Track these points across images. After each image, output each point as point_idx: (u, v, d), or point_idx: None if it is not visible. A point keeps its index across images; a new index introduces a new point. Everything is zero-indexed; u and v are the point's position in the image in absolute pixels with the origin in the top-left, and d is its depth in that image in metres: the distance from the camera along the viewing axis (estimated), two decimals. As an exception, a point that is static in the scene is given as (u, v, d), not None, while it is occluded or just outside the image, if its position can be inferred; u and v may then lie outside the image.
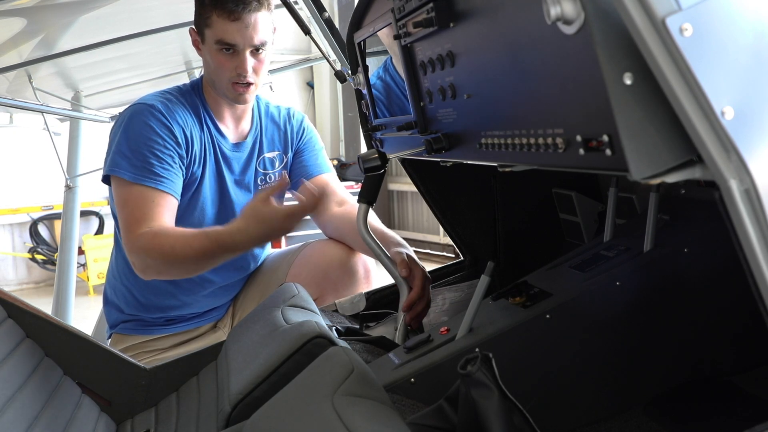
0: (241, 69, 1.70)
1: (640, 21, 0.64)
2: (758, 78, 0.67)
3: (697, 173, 0.69)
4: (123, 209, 1.66)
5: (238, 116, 1.86)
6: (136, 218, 1.62)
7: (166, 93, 1.80)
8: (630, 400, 1.32)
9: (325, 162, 2.01)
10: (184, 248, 1.53)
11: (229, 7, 1.64)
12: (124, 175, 1.65)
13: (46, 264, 6.71)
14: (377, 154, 1.47)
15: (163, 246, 1.56)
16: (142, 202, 1.64)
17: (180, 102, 1.77)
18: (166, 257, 1.56)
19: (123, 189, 1.67)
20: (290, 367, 1.15)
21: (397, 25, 1.25)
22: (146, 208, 1.63)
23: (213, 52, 1.70)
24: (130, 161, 1.66)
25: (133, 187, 1.65)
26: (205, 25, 1.69)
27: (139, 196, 1.64)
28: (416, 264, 1.58)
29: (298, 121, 1.98)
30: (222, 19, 1.65)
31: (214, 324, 1.93)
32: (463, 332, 1.30)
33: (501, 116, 0.97)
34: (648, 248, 1.33)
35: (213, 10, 1.66)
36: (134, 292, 1.84)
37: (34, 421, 1.13)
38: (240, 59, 1.69)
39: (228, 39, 1.67)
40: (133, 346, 1.84)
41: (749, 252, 0.67)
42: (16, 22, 2.22)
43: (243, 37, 1.67)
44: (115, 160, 1.67)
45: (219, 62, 1.71)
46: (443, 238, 6.67)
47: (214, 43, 1.69)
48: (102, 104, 4.26)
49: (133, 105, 1.75)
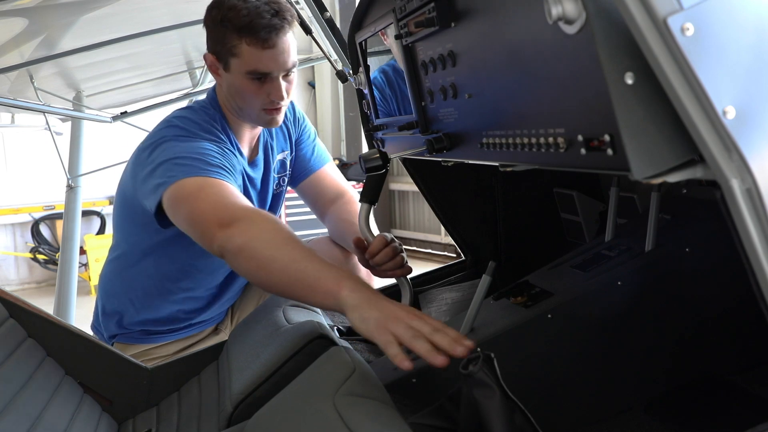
0: (276, 96, 1.61)
1: (642, 20, 0.64)
2: (760, 77, 0.67)
3: (699, 173, 0.69)
4: (199, 196, 1.41)
5: (255, 134, 1.79)
6: (225, 195, 1.40)
7: (194, 114, 1.66)
8: (631, 400, 1.32)
9: (323, 151, 1.99)
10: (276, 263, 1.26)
11: (261, 35, 1.52)
12: (192, 174, 1.44)
13: (48, 264, 6.71)
14: (378, 154, 1.47)
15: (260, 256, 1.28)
16: (221, 188, 1.42)
17: (215, 127, 1.66)
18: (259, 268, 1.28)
19: (191, 186, 1.43)
20: (292, 366, 1.15)
21: (399, 24, 1.25)
22: (230, 191, 1.43)
23: (242, 80, 1.59)
24: (196, 162, 1.47)
25: (205, 180, 1.43)
26: (230, 54, 1.57)
27: (215, 185, 1.43)
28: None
29: (291, 110, 1.93)
30: (254, 48, 1.54)
31: (215, 327, 1.93)
32: (464, 332, 1.30)
33: (502, 116, 0.97)
34: (649, 248, 1.33)
35: (241, 38, 1.53)
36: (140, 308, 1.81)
37: (35, 420, 1.13)
38: (274, 86, 1.60)
39: (262, 68, 1.56)
40: (137, 354, 1.83)
41: (750, 251, 0.67)
42: (17, 23, 2.22)
43: (277, 64, 1.57)
44: (177, 170, 1.46)
45: (250, 91, 1.60)
46: (444, 237, 6.66)
47: (244, 73, 1.57)
48: (103, 104, 4.27)
49: (166, 128, 1.61)
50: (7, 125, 5.92)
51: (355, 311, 1.08)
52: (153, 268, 1.77)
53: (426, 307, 1.79)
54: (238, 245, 1.28)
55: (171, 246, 1.71)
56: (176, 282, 1.78)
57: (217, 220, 1.34)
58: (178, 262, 1.76)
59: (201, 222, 1.38)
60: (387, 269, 1.56)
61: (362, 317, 1.06)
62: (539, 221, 1.93)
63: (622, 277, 1.29)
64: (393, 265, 1.55)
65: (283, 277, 1.23)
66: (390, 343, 1.00)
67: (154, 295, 1.80)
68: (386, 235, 1.57)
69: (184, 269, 1.77)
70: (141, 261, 1.77)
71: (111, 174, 4.26)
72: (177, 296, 1.80)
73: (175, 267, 1.77)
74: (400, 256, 1.55)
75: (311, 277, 1.18)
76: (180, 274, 1.78)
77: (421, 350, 0.98)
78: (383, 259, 1.54)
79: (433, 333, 1.00)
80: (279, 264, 1.23)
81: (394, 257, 1.54)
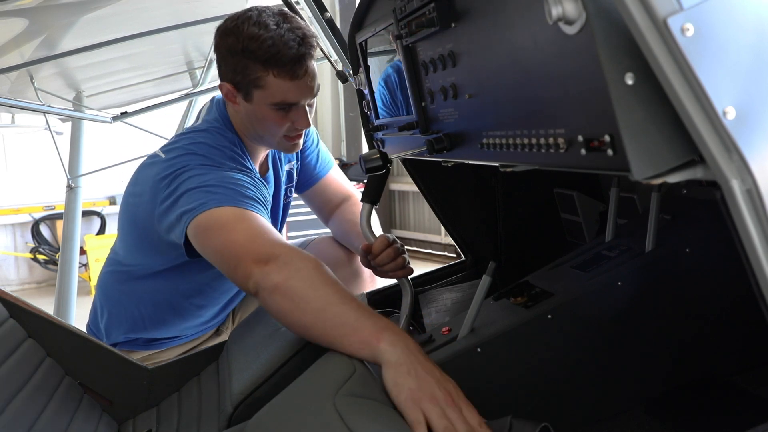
0: (302, 124, 1.55)
1: (642, 21, 0.64)
2: (760, 78, 0.66)
3: (699, 173, 0.69)
4: (237, 226, 1.33)
5: (266, 152, 1.75)
6: (262, 227, 1.32)
7: (213, 139, 1.56)
8: (631, 400, 1.32)
9: (327, 156, 1.97)
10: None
11: (289, 67, 1.45)
12: (227, 204, 1.36)
13: (48, 264, 6.71)
14: (378, 154, 1.47)
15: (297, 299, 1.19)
16: (256, 220, 1.35)
17: (233, 150, 1.58)
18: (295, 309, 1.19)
19: (227, 215, 1.35)
20: (292, 367, 1.15)
21: (399, 25, 1.25)
22: (266, 224, 1.35)
23: (266, 111, 1.52)
24: (230, 192, 1.39)
25: (242, 212, 1.35)
26: (254, 85, 1.49)
27: (251, 217, 1.35)
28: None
29: None
30: (281, 80, 1.47)
31: (216, 329, 1.93)
32: (464, 332, 1.30)
33: (502, 116, 0.97)
34: (649, 248, 1.33)
35: (267, 70, 1.46)
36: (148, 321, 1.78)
37: (35, 421, 1.13)
38: (300, 114, 1.54)
39: (290, 99, 1.50)
40: (139, 359, 1.83)
41: (751, 252, 0.67)
42: (17, 23, 2.22)
43: (305, 93, 1.51)
44: (209, 198, 1.38)
45: (274, 121, 1.53)
46: (444, 238, 6.66)
47: (269, 104, 1.51)
48: (104, 104, 4.27)
49: (185, 155, 1.50)
50: (7, 125, 5.92)
51: (390, 370, 1.00)
52: (164, 285, 1.73)
53: (426, 307, 1.79)
54: (274, 283, 1.19)
55: (188, 267, 1.65)
56: (188, 298, 1.76)
57: (254, 256, 1.25)
58: (193, 283, 1.72)
59: (235, 256, 1.28)
60: (389, 270, 1.56)
61: (397, 382, 0.98)
62: (539, 221, 1.93)
63: (622, 277, 1.29)
64: (395, 266, 1.55)
65: (318, 320, 1.14)
66: (419, 424, 0.94)
67: (163, 308, 1.77)
68: (388, 236, 1.57)
69: (199, 288, 1.74)
70: (151, 278, 1.73)
71: (111, 174, 4.27)
72: (187, 311, 1.78)
73: (189, 286, 1.73)
74: (402, 257, 1.55)
75: (349, 322, 1.10)
76: (194, 292, 1.75)
77: None
78: (385, 259, 1.54)
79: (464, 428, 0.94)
80: (315, 305, 1.15)
81: (395, 258, 1.54)
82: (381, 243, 1.54)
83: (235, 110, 1.61)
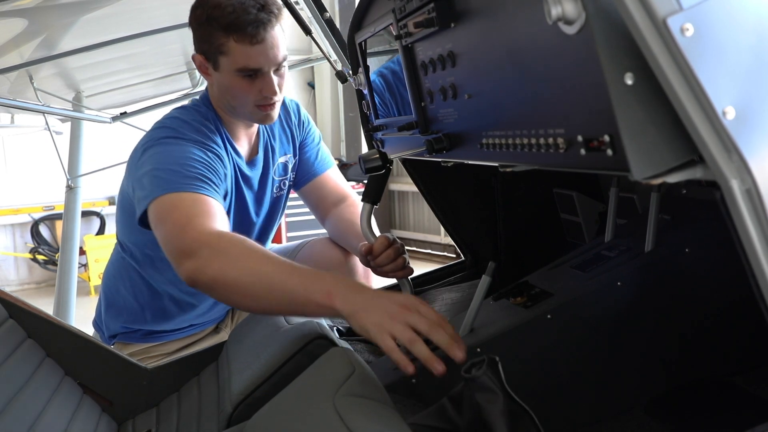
0: (268, 91, 1.60)
1: (642, 21, 0.64)
2: (760, 78, 0.66)
3: (699, 173, 0.69)
4: (171, 215, 1.38)
5: (251, 132, 1.78)
6: (192, 215, 1.36)
7: (186, 113, 1.65)
8: (631, 400, 1.32)
9: (326, 155, 1.98)
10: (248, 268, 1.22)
11: (249, 30, 1.51)
12: (167, 190, 1.42)
13: (48, 264, 6.71)
14: (378, 155, 1.47)
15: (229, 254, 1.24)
16: (192, 204, 1.40)
17: (208, 128, 1.64)
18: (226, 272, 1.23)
19: (168, 202, 1.41)
20: (291, 367, 1.15)
21: (398, 25, 1.25)
22: (201, 208, 1.40)
23: (232, 78, 1.58)
24: (173, 175, 1.45)
25: (182, 196, 1.42)
26: (218, 52, 1.55)
27: (189, 200, 1.41)
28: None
29: (296, 113, 1.92)
30: (242, 45, 1.52)
31: (215, 326, 1.93)
32: (464, 332, 1.30)
33: (502, 116, 0.97)
34: (649, 248, 1.33)
35: (228, 35, 1.52)
36: (145, 310, 1.81)
37: (35, 421, 1.13)
38: (266, 82, 1.58)
39: (252, 65, 1.55)
40: (137, 352, 1.83)
41: (750, 252, 0.67)
42: (17, 23, 2.23)
43: (267, 59, 1.56)
44: (155, 184, 1.44)
45: (241, 88, 1.59)
46: (444, 238, 6.66)
47: (234, 70, 1.56)
48: (103, 104, 4.27)
49: (157, 129, 1.60)
50: (6, 125, 5.92)
51: (353, 319, 1.07)
52: (157, 271, 1.76)
53: (426, 307, 1.79)
54: (210, 278, 1.22)
55: None
56: (180, 283, 1.77)
57: (178, 250, 1.28)
58: None
59: (170, 252, 1.32)
60: (389, 270, 1.56)
61: (361, 326, 1.06)
62: (539, 222, 1.93)
63: (621, 277, 1.29)
64: (395, 266, 1.55)
65: (271, 300, 1.18)
66: (392, 350, 1.02)
67: (159, 296, 1.80)
68: (389, 236, 1.57)
69: None
70: (148, 264, 1.76)
71: (111, 174, 4.27)
72: (183, 300, 1.80)
73: None
74: (402, 257, 1.55)
75: (299, 294, 1.14)
76: None
77: (420, 356, 1.01)
78: (385, 260, 1.54)
79: (430, 331, 1.02)
80: (258, 290, 1.19)
81: (395, 259, 1.54)
82: (382, 243, 1.54)
83: (210, 84, 1.68)
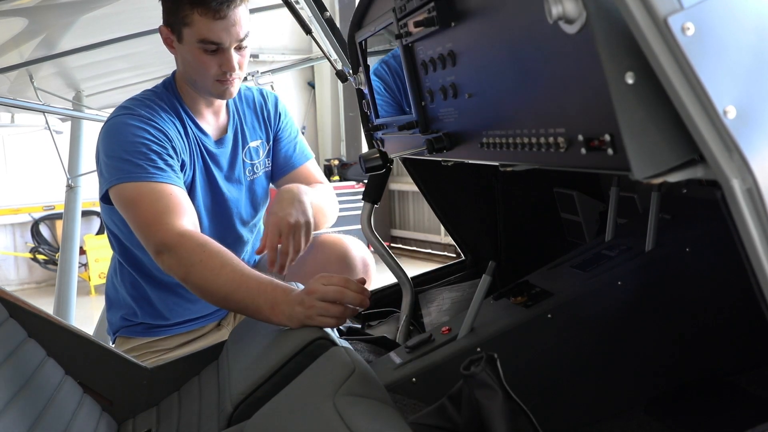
0: (228, 67, 1.65)
1: (642, 20, 0.64)
2: (760, 77, 0.66)
3: (699, 173, 0.69)
4: (137, 209, 1.54)
5: (216, 110, 1.82)
6: (158, 212, 1.50)
7: (144, 98, 1.73)
8: (631, 400, 1.32)
9: (304, 147, 1.98)
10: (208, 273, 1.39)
11: (213, 5, 1.57)
12: (128, 178, 1.56)
13: (48, 264, 6.71)
14: (378, 154, 1.47)
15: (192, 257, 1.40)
16: (157, 198, 1.53)
17: (159, 105, 1.71)
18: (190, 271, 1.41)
19: (130, 192, 1.56)
20: (292, 367, 1.15)
21: (398, 24, 1.25)
22: (165, 202, 1.52)
23: (194, 51, 1.64)
24: (130, 164, 1.57)
25: (141, 187, 1.55)
26: (183, 23, 1.62)
27: (151, 193, 1.54)
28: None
29: (273, 103, 1.94)
30: (205, 18, 1.58)
31: (217, 323, 1.93)
32: (464, 332, 1.30)
33: (502, 116, 0.97)
34: (649, 248, 1.33)
35: (193, 8, 1.58)
36: (143, 302, 1.82)
37: (35, 420, 1.13)
38: (226, 57, 1.64)
39: (213, 38, 1.60)
40: (138, 346, 1.84)
41: (751, 251, 0.67)
42: (17, 22, 2.22)
43: (228, 34, 1.61)
44: (113, 169, 1.59)
45: (202, 61, 1.64)
46: (444, 237, 6.67)
47: (195, 42, 1.62)
48: (103, 104, 4.26)
49: (114, 116, 1.68)
50: (6, 125, 5.92)
51: (294, 324, 1.26)
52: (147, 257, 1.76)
53: (426, 306, 1.79)
54: (179, 276, 1.42)
55: None
56: None
57: (149, 245, 1.48)
58: None
59: (143, 239, 1.52)
60: (291, 259, 1.55)
61: (297, 325, 1.25)
62: (539, 221, 1.93)
63: (622, 277, 1.29)
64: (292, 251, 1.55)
65: (230, 306, 1.47)
66: (323, 323, 1.24)
67: (156, 286, 1.81)
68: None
69: None
70: (142, 256, 1.77)
71: (111, 174, 4.26)
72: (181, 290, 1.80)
73: None
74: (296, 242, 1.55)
75: (250, 307, 1.32)
76: None
77: (338, 317, 1.24)
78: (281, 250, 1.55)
79: (337, 295, 1.23)
80: (218, 298, 1.38)
81: (286, 251, 1.54)
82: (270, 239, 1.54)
83: (175, 58, 1.74)
